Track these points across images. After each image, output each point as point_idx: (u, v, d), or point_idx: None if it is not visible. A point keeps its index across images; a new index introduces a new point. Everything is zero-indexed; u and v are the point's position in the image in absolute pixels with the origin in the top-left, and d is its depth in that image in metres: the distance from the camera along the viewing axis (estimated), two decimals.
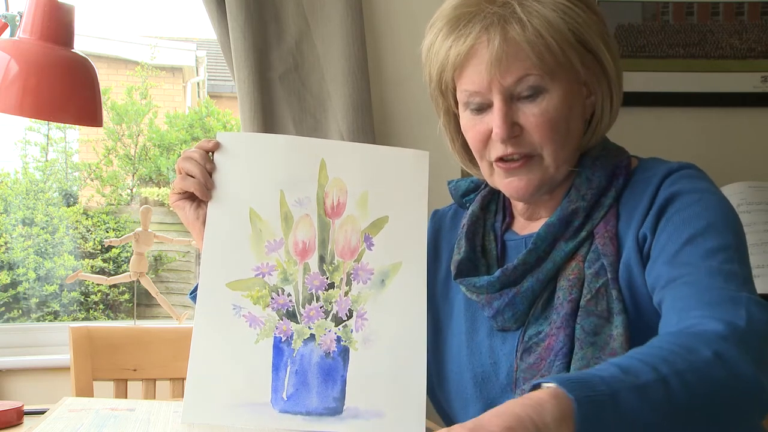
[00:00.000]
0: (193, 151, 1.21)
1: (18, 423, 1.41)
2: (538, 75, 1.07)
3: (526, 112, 1.09)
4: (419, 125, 2.12)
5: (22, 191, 3.44)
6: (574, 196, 1.13)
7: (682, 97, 2.36)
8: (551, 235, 1.12)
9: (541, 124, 1.08)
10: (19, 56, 1.43)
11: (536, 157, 1.11)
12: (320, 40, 2.04)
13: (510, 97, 1.09)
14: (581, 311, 1.06)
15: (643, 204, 1.09)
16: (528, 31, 1.05)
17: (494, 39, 1.06)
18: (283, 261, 1.18)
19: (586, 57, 1.10)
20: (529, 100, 1.08)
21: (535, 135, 1.09)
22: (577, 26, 1.08)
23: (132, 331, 1.95)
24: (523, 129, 1.09)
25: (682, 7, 2.38)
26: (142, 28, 5.81)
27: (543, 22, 1.06)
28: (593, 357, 1.03)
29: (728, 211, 1.07)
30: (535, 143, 1.10)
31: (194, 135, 3.73)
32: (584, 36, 1.09)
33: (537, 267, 1.12)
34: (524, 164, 1.11)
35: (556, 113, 1.08)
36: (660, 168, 1.12)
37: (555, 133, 1.09)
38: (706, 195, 1.07)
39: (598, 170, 1.14)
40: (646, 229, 1.07)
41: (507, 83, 1.08)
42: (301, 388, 1.14)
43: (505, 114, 1.08)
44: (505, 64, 1.06)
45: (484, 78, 1.08)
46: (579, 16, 1.08)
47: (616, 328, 1.04)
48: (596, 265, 1.08)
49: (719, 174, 1.21)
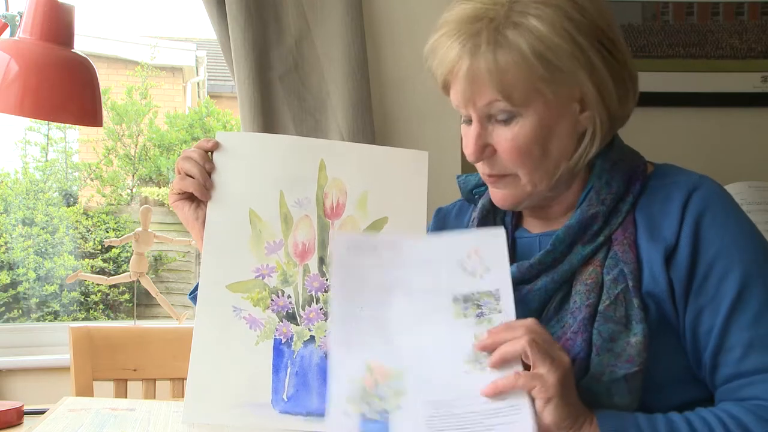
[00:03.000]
0: (192, 150, 1.21)
1: (18, 423, 1.41)
2: (506, 102, 1.06)
3: (500, 135, 1.08)
4: (419, 125, 2.12)
5: (22, 191, 3.44)
6: (595, 200, 1.12)
7: (682, 97, 2.36)
8: (570, 237, 1.11)
9: (511, 149, 1.08)
10: (19, 56, 1.43)
11: (509, 176, 1.12)
12: (320, 40, 2.04)
13: (487, 118, 1.09)
14: (599, 317, 1.06)
15: (669, 225, 1.08)
16: (491, 67, 1.04)
17: (464, 65, 1.06)
18: (283, 262, 1.18)
19: (564, 83, 1.07)
20: (503, 123, 1.08)
21: (506, 159, 1.09)
22: (551, 56, 1.04)
23: (132, 331, 1.95)
24: (495, 150, 1.10)
25: (682, 7, 2.37)
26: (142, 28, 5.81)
27: (509, 56, 1.04)
28: (609, 364, 1.03)
29: (759, 242, 1.09)
30: (506, 166, 1.10)
31: (194, 135, 3.73)
32: (558, 65, 1.05)
33: (552, 268, 1.11)
34: (500, 180, 1.12)
35: (527, 138, 1.07)
36: (678, 178, 1.12)
37: (526, 157, 1.09)
38: (737, 229, 1.08)
39: (617, 175, 1.13)
40: (680, 266, 1.07)
41: (479, 105, 1.08)
42: (301, 389, 1.14)
43: (477, 135, 1.09)
44: (474, 89, 1.06)
45: (460, 97, 1.09)
46: (557, 46, 1.04)
47: (635, 336, 1.03)
48: (615, 271, 1.08)
49: (719, 174, 1.21)
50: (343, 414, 1.00)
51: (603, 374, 1.02)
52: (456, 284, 1.05)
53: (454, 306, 1.04)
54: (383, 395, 1.01)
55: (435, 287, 1.05)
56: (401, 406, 1.00)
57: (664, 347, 1.06)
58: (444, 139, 2.08)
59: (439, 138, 2.09)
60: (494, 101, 1.06)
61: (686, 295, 1.06)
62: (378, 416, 1.00)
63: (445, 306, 1.04)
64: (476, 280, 1.05)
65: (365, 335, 1.04)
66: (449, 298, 1.04)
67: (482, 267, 1.05)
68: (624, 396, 1.02)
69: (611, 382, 1.02)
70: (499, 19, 1.05)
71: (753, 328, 1.03)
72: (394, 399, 1.00)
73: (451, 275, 1.05)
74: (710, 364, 1.06)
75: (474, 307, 1.03)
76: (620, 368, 1.02)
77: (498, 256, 1.05)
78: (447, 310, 1.03)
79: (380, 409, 1.00)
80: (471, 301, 1.03)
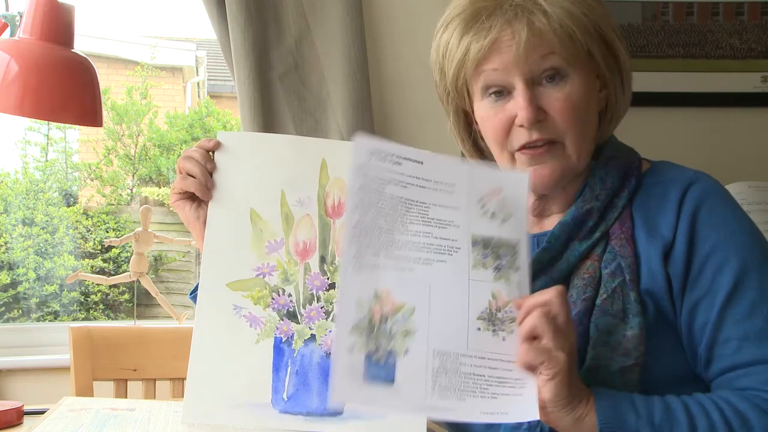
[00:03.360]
0: (193, 150, 1.21)
1: (18, 423, 1.41)
2: (562, 58, 1.08)
3: (550, 96, 1.09)
4: (419, 125, 2.12)
5: (22, 191, 3.44)
6: (589, 196, 1.12)
7: (682, 97, 2.36)
8: (565, 234, 1.11)
9: (565, 109, 1.09)
10: (19, 56, 1.43)
11: (559, 144, 1.11)
12: (320, 40, 2.04)
13: (532, 82, 1.09)
14: (596, 310, 1.06)
15: (666, 221, 1.08)
16: (553, 21, 1.07)
17: (521, 30, 1.07)
18: (284, 261, 1.18)
19: (604, 49, 1.12)
20: (551, 84, 1.09)
21: (559, 120, 1.09)
22: (595, 18, 1.09)
23: (132, 331, 1.95)
24: (546, 114, 1.09)
25: (682, 7, 2.38)
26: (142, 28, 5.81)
27: (565, 13, 1.07)
28: (605, 356, 1.03)
29: (755, 236, 1.09)
30: (558, 129, 1.10)
31: (194, 135, 3.73)
32: (603, 28, 1.10)
33: (550, 266, 1.11)
34: (548, 150, 1.11)
35: (578, 100, 1.09)
36: (675, 175, 1.12)
37: (577, 119, 1.09)
38: (734, 224, 1.08)
39: (612, 170, 1.14)
40: (677, 261, 1.07)
41: (531, 65, 1.08)
42: (301, 388, 1.14)
43: (530, 97, 1.08)
44: (528, 46, 1.07)
45: (509, 61, 1.08)
46: (596, 9, 1.10)
47: (631, 329, 1.04)
48: (612, 265, 1.08)
49: (719, 174, 1.21)
50: (348, 350, 0.95)
51: (599, 366, 1.03)
52: (475, 223, 1.02)
53: (473, 250, 1.01)
54: (392, 333, 0.97)
55: (452, 219, 1.02)
56: (409, 351, 0.97)
57: (663, 345, 1.06)
58: (444, 139, 2.08)
59: (439, 138, 2.08)
60: (549, 54, 1.07)
61: (683, 289, 1.07)
62: (384, 359, 0.96)
63: (463, 246, 1.01)
64: (496, 224, 1.02)
65: (378, 255, 0.99)
66: (467, 238, 1.01)
67: (503, 212, 1.03)
68: (620, 389, 1.01)
69: (607, 375, 1.02)
70: None
71: (748, 321, 1.03)
72: (401, 339, 0.97)
73: (470, 210, 1.02)
74: (705, 357, 1.06)
75: (493, 257, 1.01)
76: (616, 361, 1.02)
77: (519, 203, 1.04)
78: (465, 253, 1.00)
79: (387, 350, 0.96)
80: (490, 248, 1.01)
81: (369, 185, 1.00)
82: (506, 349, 0.98)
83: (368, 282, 0.98)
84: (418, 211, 1.02)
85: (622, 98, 1.17)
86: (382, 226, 0.99)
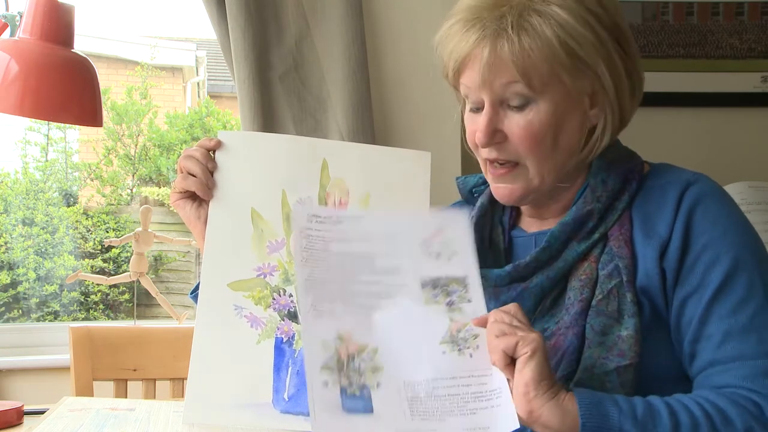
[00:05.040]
0: (194, 149, 1.21)
1: (18, 423, 1.41)
2: (525, 86, 1.07)
3: (513, 121, 1.09)
4: (419, 125, 2.12)
5: (22, 191, 3.44)
6: (590, 198, 1.12)
7: (682, 97, 2.36)
8: (565, 234, 1.12)
9: (525, 137, 1.08)
10: (19, 56, 1.43)
11: (520, 166, 1.11)
12: (320, 40, 2.04)
13: (499, 103, 1.09)
14: (592, 311, 1.06)
15: (663, 221, 1.08)
16: (515, 50, 1.05)
17: (485, 50, 1.07)
18: (285, 261, 1.18)
19: (583, 73, 1.09)
20: (517, 110, 1.08)
21: (518, 145, 1.09)
22: (575, 45, 1.06)
23: (132, 331, 1.95)
24: (506, 137, 1.10)
25: (682, 7, 2.38)
26: (142, 28, 5.81)
27: (534, 41, 1.05)
28: (600, 357, 1.03)
29: (750, 236, 1.09)
30: (519, 153, 1.10)
31: (194, 135, 3.73)
32: (580, 54, 1.07)
33: (548, 265, 1.12)
34: (509, 171, 1.12)
35: (541, 125, 1.08)
36: (674, 177, 1.12)
37: (538, 145, 1.09)
38: (728, 222, 1.08)
39: (613, 174, 1.13)
40: (672, 256, 1.07)
41: (495, 88, 1.08)
42: (302, 388, 1.14)
43: (489, 120, 1.09)
44: (494, 70, 1.07)
45: (476, 81, 1.09)
46: (581, 35, 1.06)
47: (626, 330, 1.04)
48: (610, 267, 1.08)
49: (719, 174, 1.21)
50: (323, 385, 0.98)
51: (594, 367, 1.03)
52: (422, 266, 1.05)
53: (423, 291, 1.04)
54: (361, 369, 1.00)
55: (399, 266, 1.05)
56: (381, 384, 0.99)
57: (659, 344, 1.06)
58: (444, 139, 2.08)
59: (439, 138, 2.08)
60: (513, 82, 1.07)
61: (675, 284, 1.07)
62: (359, 392, 0.99)
63: (413, 289, 1.04)
64: (442, 264, 1.05)
65: (334, 303, 1.02)
66: (417, 281, 1.04)
67: (448, 250, 1.06)
68: (616, 390, 1.02)
69: (603, 375, 1.02)
70: (522, 6, 1.07)
71: (732, 317, 1.03)
72: (372, 375, 1.00)
73: (415, 255, 1.06)
74: (689, 352, 1.06)
75: (444, 294, 1.04)
76: (611, 361, 1.02)
77: (463, 240, 1.06)
78: (416, 294, 1.04)
79: (360, 384, 0.99)
80: (440, 287, 1.04)
81: (314, 245, 1.05)
82: (475, 364, 1.00)
83: (330, 326, 1.01)
84: (364, 263, 1.05)
85: (609, 120, 1.12)
86: (333, 279, 1.04)
